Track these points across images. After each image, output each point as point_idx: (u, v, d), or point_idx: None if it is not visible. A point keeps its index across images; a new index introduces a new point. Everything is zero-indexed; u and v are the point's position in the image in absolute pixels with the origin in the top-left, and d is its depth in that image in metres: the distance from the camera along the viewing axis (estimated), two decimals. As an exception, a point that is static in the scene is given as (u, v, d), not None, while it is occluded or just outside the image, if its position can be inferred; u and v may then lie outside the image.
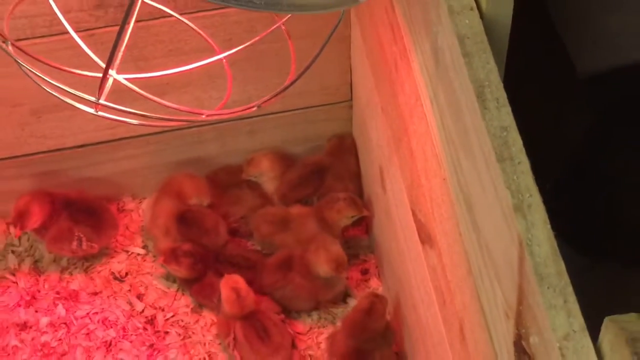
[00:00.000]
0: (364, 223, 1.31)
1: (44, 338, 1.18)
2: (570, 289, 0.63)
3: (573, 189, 1.14)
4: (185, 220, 1.23)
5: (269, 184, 1.31)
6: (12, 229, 1.24)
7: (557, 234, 0.66)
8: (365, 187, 1.31)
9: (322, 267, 1.20)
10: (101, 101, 0.78)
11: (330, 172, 1.32)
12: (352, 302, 1.24)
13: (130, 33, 0.86)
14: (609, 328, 0.60)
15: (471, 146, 0.73)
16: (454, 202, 0.83)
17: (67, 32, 0.93)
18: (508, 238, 0.67)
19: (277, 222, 1.27)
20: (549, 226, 0.65)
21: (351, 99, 1.27)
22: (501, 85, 0.72)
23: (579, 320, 0.62)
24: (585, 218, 1.19)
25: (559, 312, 0.62)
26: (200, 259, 1.21)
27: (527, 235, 0.65)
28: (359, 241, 1.31)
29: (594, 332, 0.62)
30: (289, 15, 0.90)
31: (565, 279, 0.63)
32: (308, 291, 1.22)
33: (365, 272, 1.29)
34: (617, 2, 1.04)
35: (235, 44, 1.01)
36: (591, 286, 0.71)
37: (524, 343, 0.69)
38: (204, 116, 0.83)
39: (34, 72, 0.81)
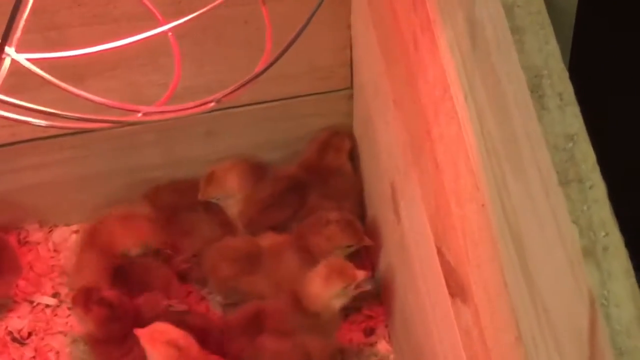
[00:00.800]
0: (368, 260, 1.31)
1: None
2: None
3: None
4: (123, 275, 1.24)
5: (236, 208, 1.32)
6: None
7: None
8: (371, 210, 1.32)
9: (321, 287, 1.19)
10: None
11: (316, 188, 1.32)
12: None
13: (38, -8, 0.84)
14: None
15: (522, 161, 0.73)
16: (496, 240, 0.82)
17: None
18: (574, 294, 0.67)
19: (241, 260, 1.27)
20: (633, 279, 0.64)
21: (351, 87, 1.28)
22: (566, 75, 0.71)
23: None
24: None
25: None
26: (121, 317, 1.19)
27: (601, 292, 0.64)
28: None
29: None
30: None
31: None
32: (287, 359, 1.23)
33: (370, 332, 1.28)
34: None
35: (186, 8, 1.01)
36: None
37: None
38: (140, 114, 0.82)
39: None
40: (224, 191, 1.28)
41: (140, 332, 1.15)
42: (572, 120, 0.71)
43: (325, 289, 1.20)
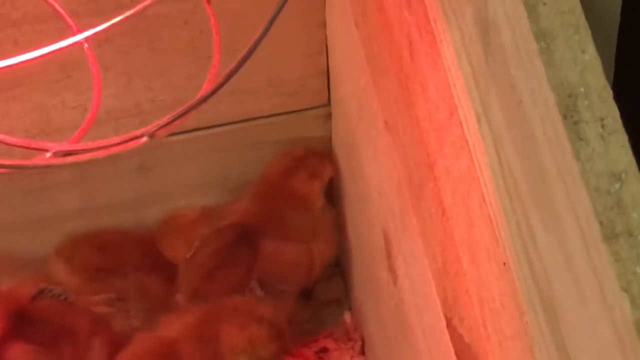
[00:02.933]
0: (357, 334, 1.33)
1: None
2: None
3: None
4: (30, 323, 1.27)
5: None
6: None
7: None
8: (355, 266, 1.33)
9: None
10: None
11: (272, 229, 1.32)
12: None
13: None
14: None
15: (555, 207, 0.73)
16: (524, 310, 0.82)
17: None
18: None
19: None
20: None
21: (329, 104, 1.28)
22: (609, 94, 0.71)
23: None
24: None
25: None
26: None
27: None
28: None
29: None
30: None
31: None
32: None
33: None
34: None
35: (106, 9, 1.02)
36: None
37: None
38: (48, 154, 0.82)
39: None
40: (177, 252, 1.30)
41: None
42: (619, 153, 0.71)
43: None
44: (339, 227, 1.33)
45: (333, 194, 1.34)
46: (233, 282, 1.30)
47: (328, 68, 1.26)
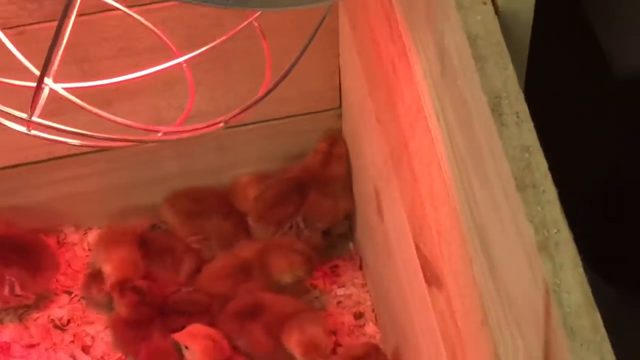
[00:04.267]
0: (357, 256, 1.32)
1: (-31, 400, 1.18)
2: (607, 346, 0.62)
3: (609, 212, 1.17)
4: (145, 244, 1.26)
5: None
6: None
7: (588, 265, 0.66)
8: (359, 209, 1.31)
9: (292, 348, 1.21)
10: (34, 118, 0.77)
11: (315, 188, 1.31)
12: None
13: (71, 30, 0.85)
14: None
15: (486, 170, 0.73)
16: (466, 237, 0.83)
17: (-9, 30, 0.92)
18: (531, 283, 0.67)
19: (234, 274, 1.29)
20: (581, 269, 0.64)
21: (340, 107, 1.27)
22: (521, 96, 0.71)
23: None
24: (623, 245, 1.21)
25: None
26: (149, 303, 1.22)
27: (554, 280, 0.64)
28: (352, 278, 1.32)
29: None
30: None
31: (602, 333, 0.63)
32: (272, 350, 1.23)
33: (359, 315, 1.28)
34: None
35: (198, 41, 0.99)
36: (630, 324, 0.71)
37: None
38: (160, 134, 0.83)
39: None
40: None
41: (178, 335, 1.19)
42: (527, 134, 0.71)
43: None
44: (350, 188, 1.32)
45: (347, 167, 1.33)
46: (285, 215, 1.29)
47: (340, 84, 1.25)
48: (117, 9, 1.03)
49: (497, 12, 0.75)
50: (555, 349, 0.66)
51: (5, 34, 0.93)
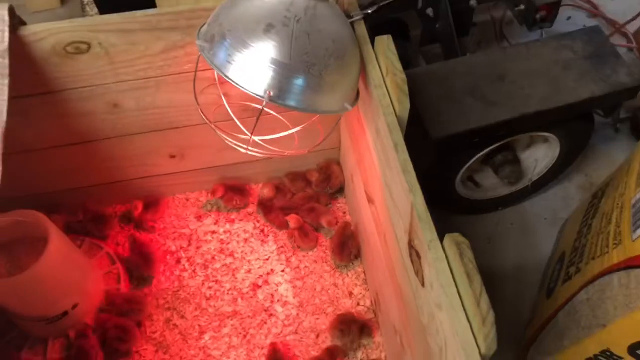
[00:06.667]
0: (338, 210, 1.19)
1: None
2: (432, 224, 0.66)
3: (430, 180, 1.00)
4: None
5: None
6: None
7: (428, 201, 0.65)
8: (346, 187, 1.19)
9: None
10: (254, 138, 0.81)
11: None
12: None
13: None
14: (447, 238, 0.61)
15: (393, 167, 0.76)
16: (387, 206, 0.82)
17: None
18: (406, 202, 0.70)
19: None
20: (421, 196, 0.68)
21: (339, 148, 1.21)
22: (402, 141, 0.74)
23: (435, 235, 0.64)
24: (436, 194, 1.14)
25: (426, 231, 0.65)
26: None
27: (414, 200, 0.68)
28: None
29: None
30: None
31: (430, 219, 0.66)
32: None
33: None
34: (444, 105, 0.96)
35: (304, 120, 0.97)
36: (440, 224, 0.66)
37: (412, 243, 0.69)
38: (286, 153, 0.86)
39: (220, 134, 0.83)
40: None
41: (289, 217, 1.10)
42: (404, 156, 0.70)
43: None
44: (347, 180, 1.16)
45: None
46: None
47: (340, 141, 1.16)
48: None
49: (396, 115, 0.76)
50: (414, 226, 0.67)
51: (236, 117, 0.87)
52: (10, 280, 0.74)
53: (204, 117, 0.86)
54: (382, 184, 0.81)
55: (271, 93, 0.67)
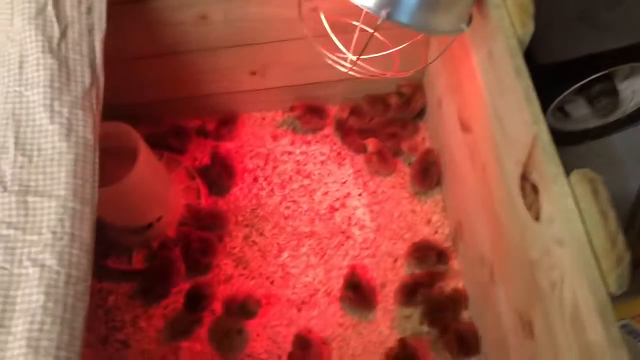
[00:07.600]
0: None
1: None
2: (557, 157, 0.62)
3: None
4: None
5: None
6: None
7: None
8: (429, 112, 1.13)
9: None
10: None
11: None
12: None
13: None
14: (576, 174, 0.58)
15: (507, 92, 0.70)
16: (488, 111, 0.78)
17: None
18: (525, 127, 0.66)
19: None
20: (546, 125, 0.63)
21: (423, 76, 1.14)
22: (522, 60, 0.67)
23: (561, 169, 0.60)
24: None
25: (552, 165, 0.60)
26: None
27: (537, 127, 0.64)
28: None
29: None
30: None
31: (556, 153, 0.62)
32: None
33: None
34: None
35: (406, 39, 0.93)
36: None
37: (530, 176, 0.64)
38: (388, 74, 0.84)
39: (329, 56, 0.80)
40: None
41: (367, 141, 1.07)
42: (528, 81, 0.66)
43: None
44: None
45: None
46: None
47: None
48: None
49: (517, 38, 0.69)
50: (534, 159, 0.63)
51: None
52: (104, 191, 0.73)
53: (307, 32, 0.84)
54: (489, 113, 0.77)
55: (386, 11, 0.64)
